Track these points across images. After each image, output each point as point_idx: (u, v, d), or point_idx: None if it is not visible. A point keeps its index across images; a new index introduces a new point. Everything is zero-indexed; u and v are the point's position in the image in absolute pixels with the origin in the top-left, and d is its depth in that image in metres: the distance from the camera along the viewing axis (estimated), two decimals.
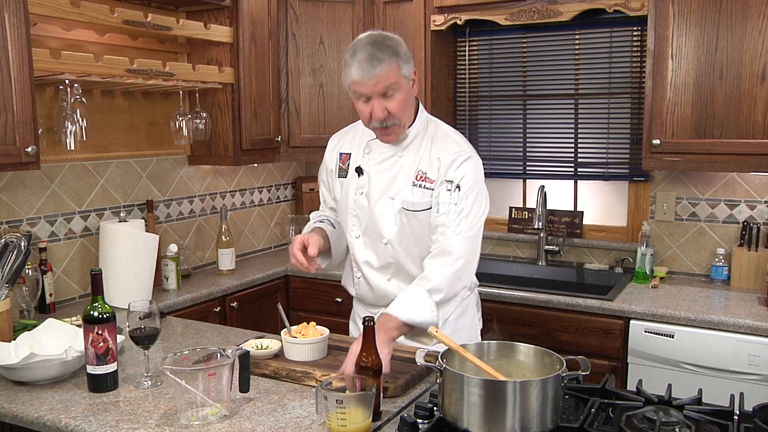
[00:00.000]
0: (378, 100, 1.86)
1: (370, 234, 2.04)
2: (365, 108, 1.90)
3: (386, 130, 1.93)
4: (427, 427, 1.39)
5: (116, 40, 2.78)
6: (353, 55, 1.85)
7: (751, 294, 2.73)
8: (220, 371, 1.51)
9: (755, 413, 1.37)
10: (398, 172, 1.99)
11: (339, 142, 2.17)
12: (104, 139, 2.81)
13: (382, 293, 2.06)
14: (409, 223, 1.97)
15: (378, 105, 1.86)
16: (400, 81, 1.87)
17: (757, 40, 2.50)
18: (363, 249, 2.06)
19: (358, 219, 2.05)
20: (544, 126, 3.40)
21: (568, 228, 3.31)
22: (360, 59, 1.83)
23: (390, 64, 1.83)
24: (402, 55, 1.87)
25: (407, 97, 1.92)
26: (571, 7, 2.94)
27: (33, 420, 1.58)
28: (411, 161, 1.98)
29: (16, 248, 2.02)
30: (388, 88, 1.85)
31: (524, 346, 1.53)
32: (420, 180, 1.95)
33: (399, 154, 2.00)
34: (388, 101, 1.87)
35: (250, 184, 3.61)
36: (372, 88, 1.85)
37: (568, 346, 2.68)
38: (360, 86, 1.86)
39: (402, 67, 1.87)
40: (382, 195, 2.00)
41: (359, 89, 1.87)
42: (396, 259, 2.02)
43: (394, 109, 1.88)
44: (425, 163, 1.96)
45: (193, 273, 3.18)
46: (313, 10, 3.29)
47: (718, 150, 2.62)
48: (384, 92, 1.85)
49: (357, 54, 1.84)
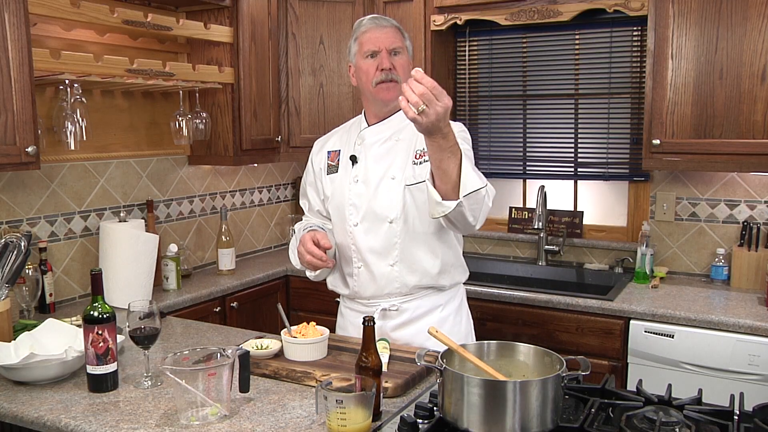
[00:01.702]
0: (386, 53, 1.98)
1: (371, 218, 2.02)
2: (371, 64, 2.00)
3: (389, 84, 1.98)
4: (427, 427, 1.39)
5: (116, 40, 2.78)
6: (361, 21, 2.05)
7: (751, 294, 2.73)
8: (220, 371, 1.51)
9: (755, 413, 1.37)
10: (397, 154, 2.02)
11: (325, 143, 2.21)
12: (104, 139, 2.81)
13: (385, 281, 2.03)
14: (413, 199, 1.98)
15: (386, 56, 1.98)
16: (405, 49, 2.04)
17: (757, 40, 2.50)
18: (364, 235, 2.04)
19: (356, 207, 2.04)
20: (544, 126, 3.40)
21: (568, 228, 3.31)
22: (371, 17, 2.04)
23: (397, 29, 2.04)
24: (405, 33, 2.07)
25: (408, 68, 2.00)
26: (571, 7, 2.94)
27: (33, 420, 1.58)
28: (408, 143, 2.02)
29: (16, 248, 2.02)
30: (395, 47, 2.00)
31: (524, 346, 1.53)
32: (420, 158, 1.98)
33: (395, 137, 2.04)
34: (393, 58, 1.99)
35: (250, 184, 3.61)
36: (382, 41, 1.99)
37: (568, 346, 2.69)
38: (370, 38, 2.00)
39: (406, 39, 2.06)
40: (382, 177, 2.01)
41: (369, 42, 2.00)
42: (401, 239, 2.00)
43: (399, 66, 1.99)
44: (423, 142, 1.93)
45: (193, 273, 3.18)
46: (313, 10, 3.29)
47: (718, 150, 2.62)
48: (392, 49, 1.99)
49: (364, 21, 2.04)
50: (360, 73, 2.03)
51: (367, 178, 2.03)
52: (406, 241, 2.00)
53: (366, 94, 2.07)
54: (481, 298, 2.82)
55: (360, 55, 2.02)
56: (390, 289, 2.04)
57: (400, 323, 2.06)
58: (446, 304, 2.09)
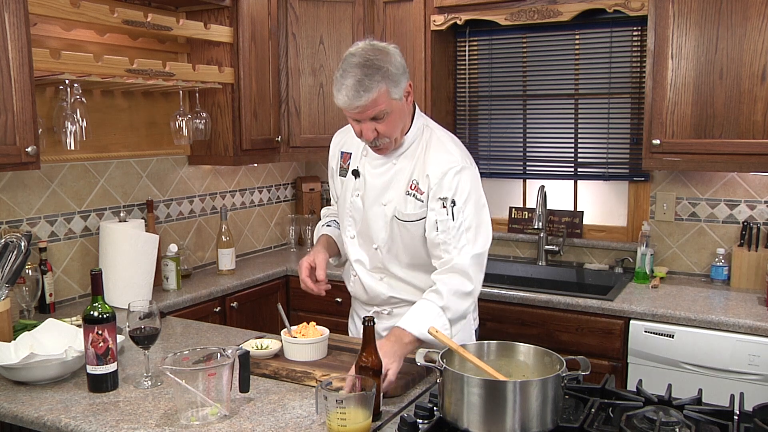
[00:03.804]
0: (367, 123, 1.83)
1: (363, 236, 2.05)
2: (356, 126, 1.88)
3: (377, 148, 1.93)
4: (427, 427, 1.39)
5: (116, 40, 2.78)
6: (342, 77, 1.79)
7: (751, 294, 2.73)
8: (220, 371, 1.51)
9: (755, 413, 1.37)
10: (393, 178, 1.98)
11: (342, 140, 2.16)
12: (104, 139, 2.81)
13: (375, 293, 2.07)
14: (399, 232, 1.97)
15: (367, 127, 1.84)
16: (391, 104, 1.82)
17: (757, 40, 2.50)
18: (357, 249, 2.07)
19: (354, 220, 2.06)
20: (544, 126, 3.40)
21: (568, 228, 3.31)
22: (347, 85, 1.77)
23: (378, 91, 1.77)
24: (392, 75, 1.80)
25: (399, 116, 1.88)
26: (571, 7, 2.94)
27: (33, 420, 1.58)
28: (406, 169, 1.96)
29: (16, 248, 2.02)
30: (376, 114, 1.81)
31: (524, 346, 1.53)
32: (413, 189, 1.93)
33: (393, 161, 1.98)
34: (377, 123, 1.84)
35: (250, 184, 3.61)
36: (359, 116, 1.82)
37: (568, 346, 2.69)
38: (347, 112, 1.84)
39: (392, 90, 1.80)
40: (375, 200, 1.99)
41: (347, 113, 1.85)
42: (383, 264, 2.03)
43: (384, 130, 1.85)
44: (419, 171, 1.94)
45: (193, 273, 3.18)
46: (313, 10, 3.29)
47: (718, 150, 2.62)
48: (373, 117, 1.82)
49: (345, 78, 1.77)
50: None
51: (365, 195, 2.02)
52: (394, 266, 2.03)
53: None
54: (481, 298, 2.78)
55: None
56: (381, 299, 2.08)
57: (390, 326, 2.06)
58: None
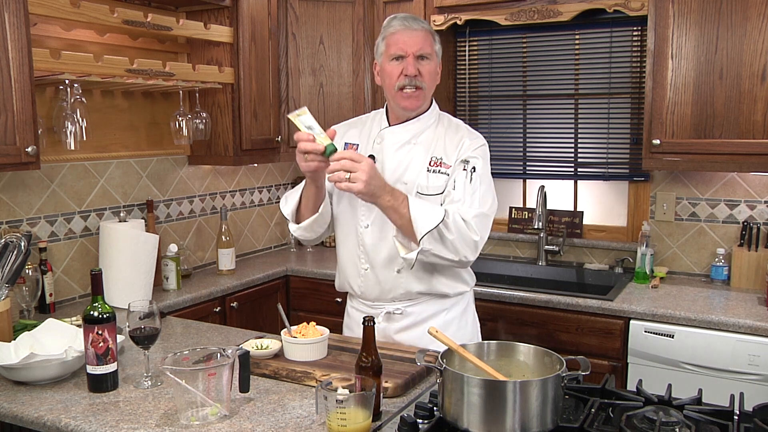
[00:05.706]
0: (412, 58, 1.94)
1: (379, 223, 1.99)
2: (396, 67, 1.95)
3: (412, 92, 1.96)
4: (427, 427, 1.39)
5: (116, 40, 2.78)
6: (391, 20, 1.98)
7: (751, 294, 2.73)
8: (220, 371, 1.51)
9: (755, 413, 1.37)
10: (413, 158, 2.01)
11: (344, 132, 2.14)
12: (104, 139, 2.81)
13: (390, 286, 2.03)
14: None
15: (411, 62, 1.94)
16: (433, 54, 1.98)
17: (757, 40, 2.50)
18: (373, 239, 2.02)
19: (369, 208, 1.99)
20: (544, 126, 3.40)
21: (568, 228, 3.31)
22: (401, 17, 1.97)
23: (428, 32, 1.97)
24: (434, 34, 2.00)
25: (435, 73, 2.00)
26: (571, 7, 2.93)
27: (33, 420, 1.58)
28: (425, 148, 2.01)
29: (16, 248, 2.02)
30: (423, 52, 1.94)
31: (524, 346, 1.53)
32: (435, 165, 1.98)
33: (413, 141, 2.02)
34: (420, 63, 1.95)
35: (250, 184, 3.61)
36: (410, 46, 1.93)
37: (568, 346, 2.69)
38: (397, 41, 1.94)
39: (436, 43, 2.00)
40: (396, 182, 1.98)
41: (396, 45, 1.94)
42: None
43: (425, 72, 1.96)
44: (440, 149, 2.00)
45: (193, 273, 3.18)
46: (313, 10, 3.29)
47: (718, 150, 2.62)
48: (419, 54, 1.94)
49: (396, 18, 1.98)
50: (384, 74, 2.00)
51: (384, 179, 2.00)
52: None
53: (387, 97, 2.05)
54: (481, 298, 2.82)
55: (386, 57, 1.98)
56: (394, 294, 2.04)
57: (404, 326, 2.05)
58: (451, 307, 2.08)
